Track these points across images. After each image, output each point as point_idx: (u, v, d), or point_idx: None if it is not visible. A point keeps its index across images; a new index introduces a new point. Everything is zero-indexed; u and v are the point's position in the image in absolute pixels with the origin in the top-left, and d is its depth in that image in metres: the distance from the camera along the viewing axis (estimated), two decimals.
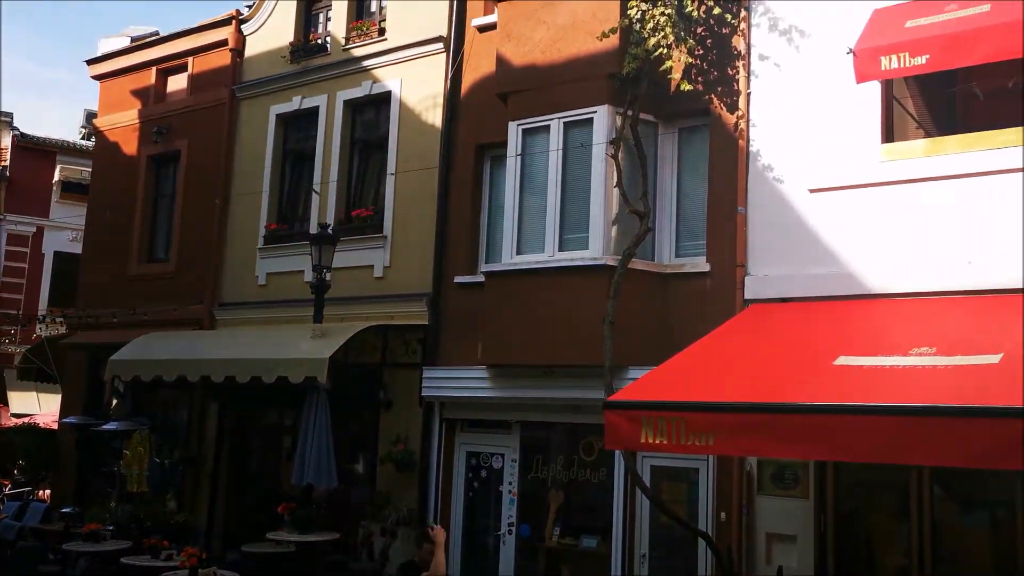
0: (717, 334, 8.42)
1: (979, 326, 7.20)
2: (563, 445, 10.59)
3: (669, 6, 9.33)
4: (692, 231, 10.06)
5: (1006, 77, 8.48)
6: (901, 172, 8.49)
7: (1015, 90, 8.38)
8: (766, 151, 9.35)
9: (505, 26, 10.80)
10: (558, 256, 10.02)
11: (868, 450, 5.96)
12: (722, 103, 9.69)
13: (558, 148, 10.15)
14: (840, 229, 8.76)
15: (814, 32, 9.22)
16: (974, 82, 8.77)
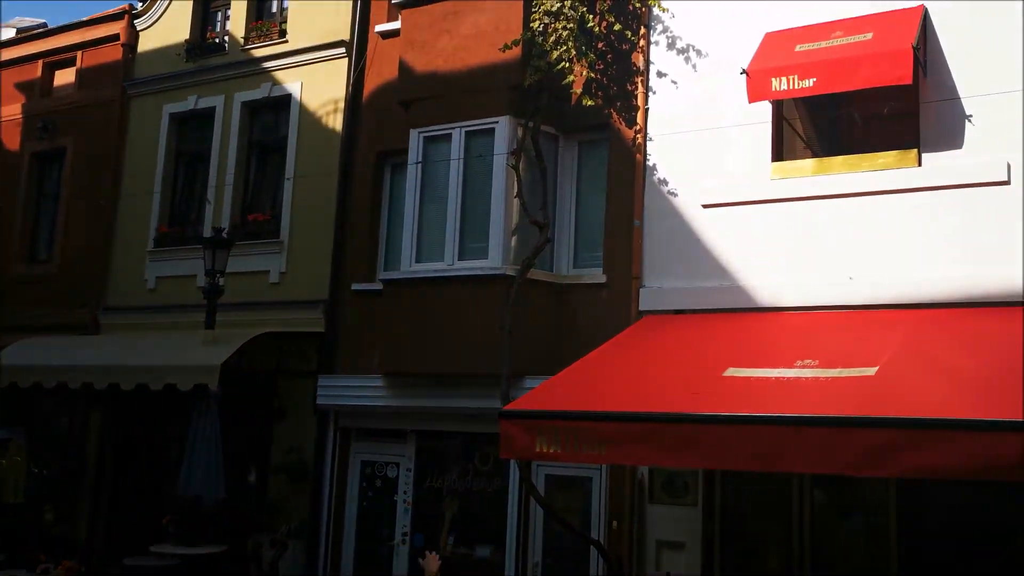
0: (612, 344, 8.55)
1: (858, 340, 7.50)
2: (459, 454, 10.56)
3: (571, 21, 9.46)
4: (590, 243, 10.19)
5: (887, 102, 8.90)
6: (790, 190, 8.80)
7: (897, 114, 8.80)
8: (662, 166, 9.56)
9: (408, 33, 10.76)
10: (458, 265, 10.01)
11: (752, 459, 6.14)
12: (621, 118, 9.87)
13: (459, 157, 10.16)
14: (732, 244, 9.02)
15: (710, 52, 9.49)
16: (855, 106, 9.17)
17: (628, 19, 9.89)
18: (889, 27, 8.27)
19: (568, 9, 9.49)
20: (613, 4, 9.85)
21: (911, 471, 5.57)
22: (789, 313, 8.53)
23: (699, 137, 9.37)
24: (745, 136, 9.12)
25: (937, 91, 8.25)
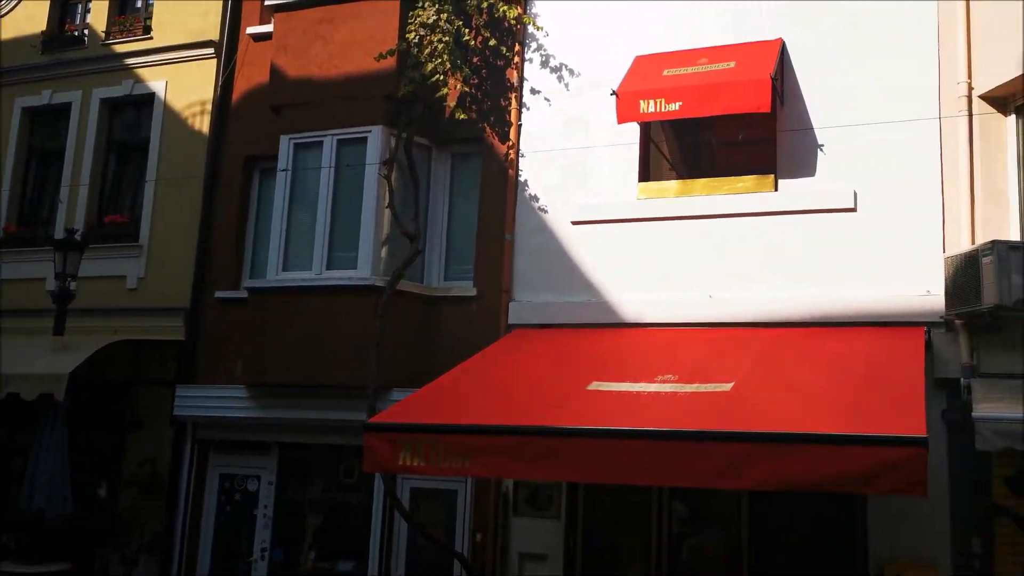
0: (479, 357, 8.57)
1: (716, 356, 7.77)
2: (323, 467, 10.36)
3: (447, 34, 9.48)
4: (461, 255, 10.20)
5: (747, 128, 9.28)
6: (655, 210, 9.06)
7: (756, 140, 9.18)
8: (534, 182, 9.68)
9: (281, 37, 10.54)
10: (326, 274, 9.84)
11: (613, 471, 6.25)
12: (494, 133, 9.95)
13: (331, 165, 10.00)
14: (599, 260, 9.21)
15: (582, 71, 9.68)
16: (718, 131, 9.53)
17: (503, 35, 9.99)
18: (750, 57, 8.65)
19: (444, 22, 9.51)
20: (489, 20, 9.92)
21: (763, 483, 5.79)
22: (652, 329, 8.77)
23: (570, 155, 9.54)
24: (614, 156, 9.34)
25: (793, 120, 8.67)
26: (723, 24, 9.12)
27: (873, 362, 7.14)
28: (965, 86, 8.03)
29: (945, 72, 8.17)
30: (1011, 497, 7.41)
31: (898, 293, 7.99)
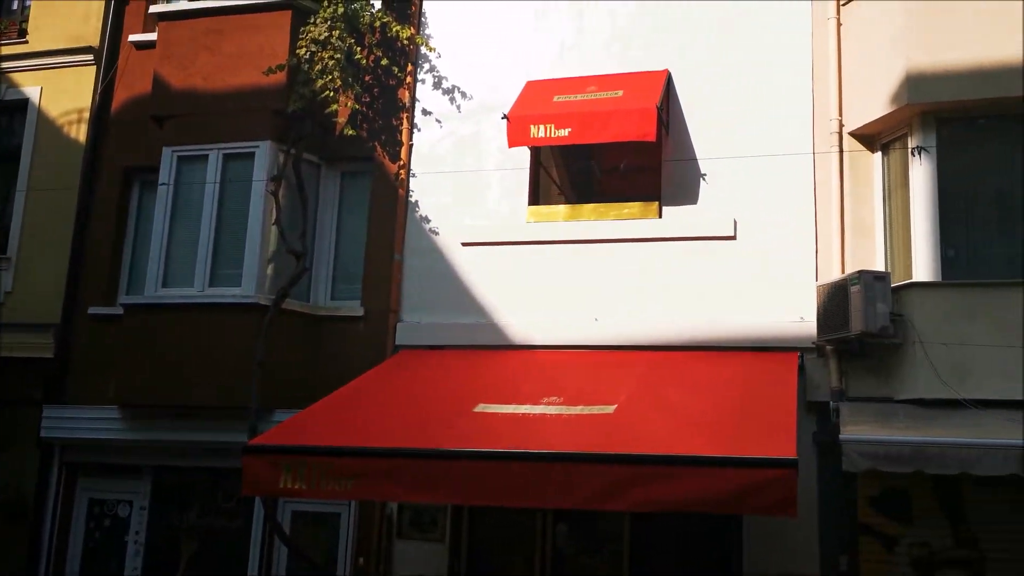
0: (366, 378, 8.48)
1: (600, 379, 7.90)
2: (201, 491, 10.00)
3: (338, 51, 9.40)
4: (349, 274, 10.07)
5: (635, 155, 9.51)
6: (544, 233, 9.17)
7: (642, 167, 9.41)
8: (424, 202, 9.67)
9: (166, 47, 10.24)
10: (208, 292, 9.56)
11: (498, 494, 6.26)
12: (385, 152, 9.89)
13: (215, 180, 9.75)
14: (488, 282, 9.24)
15: (474, 94, 9.75)
16: (607, 157, 9.72)
17: (396, 55, 9.97)
18: (638, 86, 8.88)
19: (336, 39, 9.42)
20: (382, 39, 9.89)
21: (641, 505, 5.91)
22: (539, 351, 8.85)
23: (461, 176, 9.57)
24: (504, 178, 9.43)
25: (677, 149, 8.94)
26: (612, 53, 9.34)
27: (749, 386, 7.39)
28: (836, 123, 8.44)
29: (819, 109, 8.57)
30: (875, 516, 7.76)
31: (774, 319, 8.30)
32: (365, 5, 9.74)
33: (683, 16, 9.18)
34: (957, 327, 7.48)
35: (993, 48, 7.72)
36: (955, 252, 7.89)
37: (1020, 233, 7.77)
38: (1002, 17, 7.76)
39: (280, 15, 9.86)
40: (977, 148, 8.04)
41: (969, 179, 8.00)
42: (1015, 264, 7.71)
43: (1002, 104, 7.78)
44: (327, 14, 9.55)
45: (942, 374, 7.41)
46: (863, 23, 8.46)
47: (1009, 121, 7.89)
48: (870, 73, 8.29)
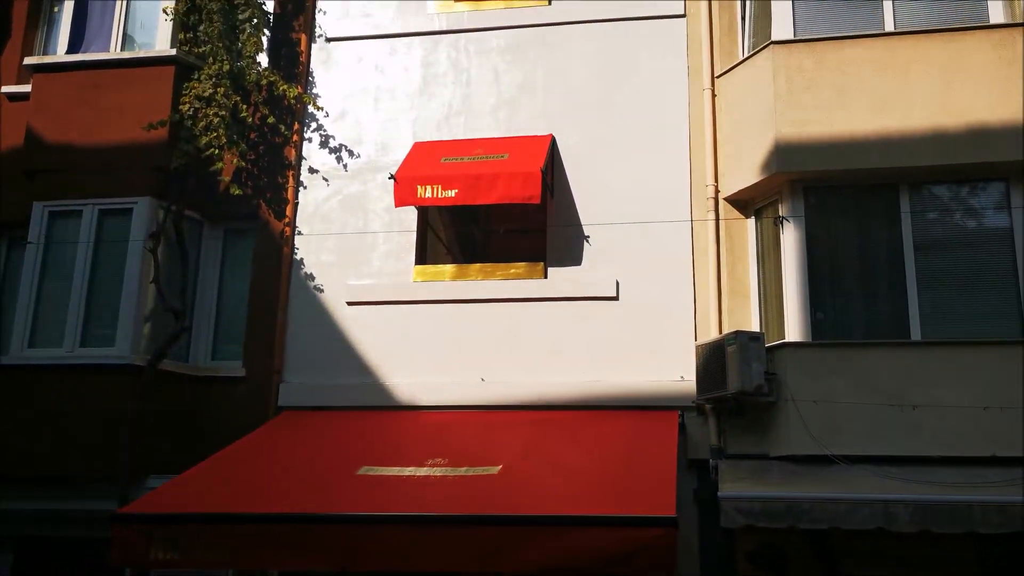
0: (246, 441, 8.25)
1: (486, 439, 7.91)
2: (67, 563, 9.45)
3: (223, 108, 9.31)
4: (231, 333, 9.81)
5: (521, 217, 9.69)
6: (431, 293, 9.18)
7: (528, 229, 9.58)
8: (309, 260, 9.57)
9: (40, 99, 9.91)
10: (79, 352, 9.16)
11: (380, 558, 6.16)
12: (270, 210, 9.78)
13: (89, 240, 9.40)
14: (374, 342, 9.17)
15: (362, 154, 9.77)
16: (494, 218, 9.87)
17: (283, 113, 9.92)
18: (523, 150, 9.07)
19: (221, 97, 9.34)
20: (269, 96, 9.84)
21: (523, 566, 5.89)
22: (425, 412, 8.80)
23: (347, 235, 9.52)
24: (391, 238, 9.43)
25: (561, 212, 9.14)
26: (498, 118, 9.54)
27: (631, 445, 7.52)
28: (712, 189, 8.81)
29: (696, 175, 8.93)
30: (754, 571, 7.94)
31: (655, 379, 8.49)
32: (252, 63, 9.69)
33: (566, 85, 9.46)
34: (826, 385, 7.81)
35: (852, 123, 8.24)
36: (824, 314, 8.27)
37: (883, 296, 8.22)
38: (860, 95, 8.30)
39: (163, 70, 9.70)
40: (842, 215, 8.50)
41: (836, 244, 8.44)
42: (879, 325, 8.14)
43: (862, 175, 8.27)
44: (212, 71, 9.46)
45: (813, 431, 7.70)
46: (736, 95, 8.90)
47: (869, 190, 8.39)
48: (743, 142, 8.70)
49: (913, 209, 8.25)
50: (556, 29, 9.64)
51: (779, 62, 8.52)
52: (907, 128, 8.13)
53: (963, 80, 8.13)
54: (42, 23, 10.96)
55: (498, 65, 9.68)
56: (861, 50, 8.42)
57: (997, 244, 8.18)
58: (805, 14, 8.87)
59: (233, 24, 9.71)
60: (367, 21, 10.10)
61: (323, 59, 10.12)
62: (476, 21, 9.83)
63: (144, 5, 10.30)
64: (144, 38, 10.19)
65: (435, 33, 9.90)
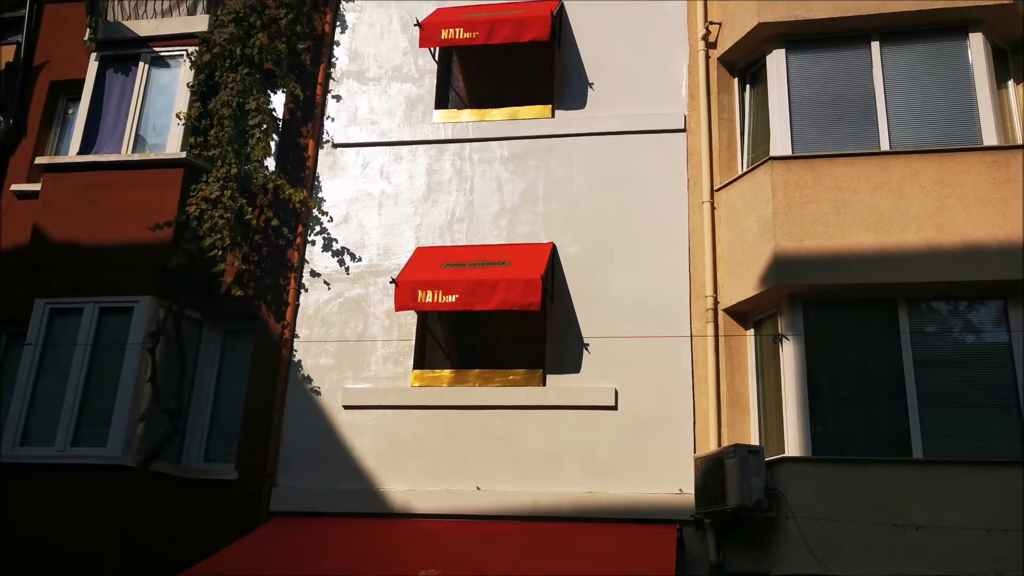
0: (235, 548, 8.08)
1: (480, 549, 7.74)
2: None
3: (229, 211, 9.44)
4: (226, 435, 9.72)
5: (520, 323, 9.69)
6: (428, 398, 9.12)
7: (527, 335, 9.57)
8: (307, 363, 9.54)
9: (49, 198, 10.05)
10: (70, 451, 9.04)
11: None
12: (270, 311, 9.80)
13: (89, 335, 9.39)
14: (369, 447, 9.06)
15: (364, 257, 9.84)
16: (493, 322, 9.89)
17: (287, 216, 10.05)
18: (525, 257, 9.14)
19: (227, 199, 9.48)
20: (274, 199, 9.98)
21: None
22: (420, 520, 8.62)
23: (346, 337, 9.52)
24: (390, 342, 9.41)
25: (561, 319, 9.15)
26: (500, 226, 9.64)
27: (628, 559, 7.35)
28: (712, 300, 8.84)
29: (695, 286, 8.98)
30: None
31: (653, 491, 8.35)
32: (259, 167, 9.87)
33: (568, 194, 9.61)
34: (827, 502, 7.68)
35: (850, 238, 8.33)
36: (824, 428, 8.20)
37: (884, 411, 8.16)
38: (857, 211, 8.42)
39: (172, 172, 9.87)
40: (842, 329, 8.51)
41: (836, 358, 8.42)
42: (880, 441, 8.06)
43: (860, 289, 8.32)
44: (220, 173, 9.63)
45: (815, 549, 7.54)
46: (735, 208, 9.03)
47: (868, 304, 8.42)
48: (742, 255, 8.78)
49: (912, 324, 8.26)
50: (559, 140, 9.84)
51: (778, 177, 8.66)
52: (904, 244, 8.22)
53: (957, 199, 8.26)
54: (56, 124, 11.25)
55: (501, 174, 9.85)
56: (857, 167, 8.58)
57: (997, 361, 8.17)
58: (802, 131, 9.08)
59: (243, 129, 9.93)
60: (374, 128, 10.33)
61: (329, 164, 10.31)
62: (481, 131, 10.05)
63: (158, 108, 10.53)
64: (155, 139, 10.39)
65: (440, 142, 10.11)
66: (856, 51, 9.24)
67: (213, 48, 10.18)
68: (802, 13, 9.21)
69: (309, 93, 10.52)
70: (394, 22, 10.79)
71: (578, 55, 10.14)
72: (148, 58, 10.60)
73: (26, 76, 11.31)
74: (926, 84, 9.00)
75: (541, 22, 9.51)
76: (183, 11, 10.69)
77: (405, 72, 10.53)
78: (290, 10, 10.50)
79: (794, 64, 9.33)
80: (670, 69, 9.84)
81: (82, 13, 10.83)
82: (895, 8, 9.00)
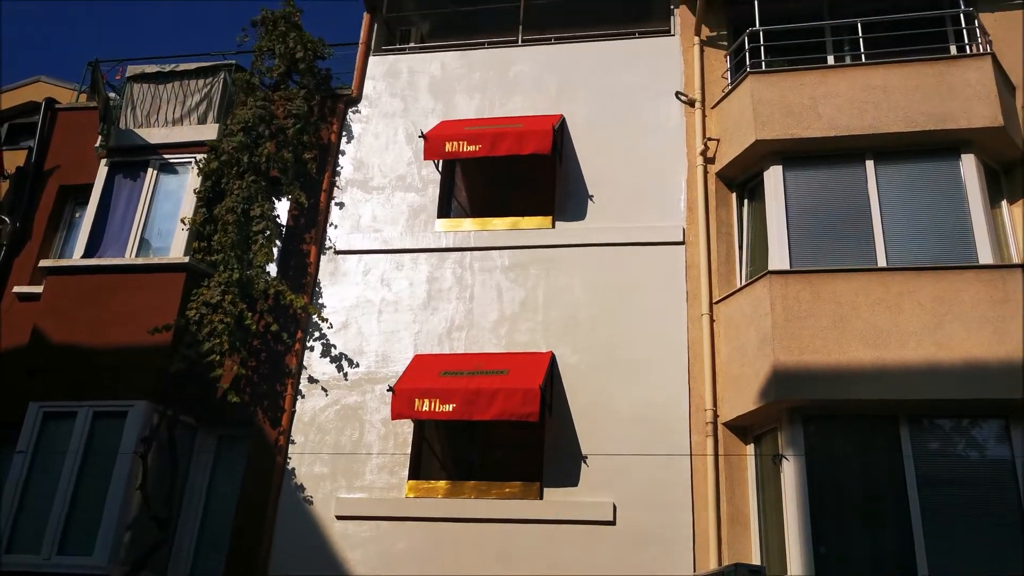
0: None
1: None
2: None
3: (229, 315, 9.46)
4: (215, 543, 9.49)
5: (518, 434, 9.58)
6: (423, 509, 8.95)
7: (524, 445, 9.45)
8: (301, 471, 9.40)
9: (51, 300, 10.10)
10: (56, 560, 8.84)
11: None
12: (266, 417, 9.71)
13: (81, 440, 9.28)
14: (362, 558, 8.85)
15: (362, 364, 9.81)
16: (490, 434, 9.77)
17: (287, 321, 10.06)
18: (524, 367, 9.10)
19: (228, 304, 9.51)
20: (274, 305, 10.01)
21: None
22: None
23: (341, 446, 9.41)
24: (386, 451, 9.29)
25: (559, 431, 9.04)
26: (499, 334, 9.65)
27: None
28: (711, 413, 8.77)
29: (695, 399, 8.91)
30: None
31: None
32: (261, 272, 9.94)
33: (568, 304, 9.63)
34: None
35: (849, 353, 8.31)
36: (827, 547, 8.01)
37: (888, 530, 7.99)
38: (856, 326, 8.42)
39: (174, 276, 9.95)
40: (843, 446, 8.40)
41: (837, 476, 8.27)
42: (884, 560, 7.86)
43: (861, 405, 8.25)
44: (222, 278, 9.69)
45: None
46: (734, 322, 9.05)
47: (869, 420, 8.34)
48: (741, 369, 8.75)
49: (914, 442, 8.16)
50: (559, 250, 9.94)
51: (776, 291, 8.71)
52: (903, 361, 8.19)
53: (955, 316, 8.28)
54: (62, 227, 11.40)
55: (501, 282, 9.90)
56: (855, 283, 8.62)
57: (1001, 479, 8.04)
58: (800, 245, 9.15)
59: (247, 235, 10.05)
60: (376, 236, 10.44)
61: (331, 270, 10.38)
62: (482, 240, 10.15)
63: (164, 213, 10.68)
64: (160, 243, 10.50)
65: (442, 250, 10.21)
66: (851, 169, 9.41)
67: (221, 156, 10.39)
68: (798, 131, 9.42)
69: (313, 200, 10.68)
70: (399, 133, 11.04)
71: (579, 167, 10.33)
72: (157, 164, 10.82)
73: (36, 180, 11.52)
74: (921, 202, 9.14)
75: (542, 136, 9.72)
76: (194, 120, 10.96)
77: (409, 182, 10.71)
78: (298, 120, 10.76)
79: (791, 180, 9.48)
80: (669, 183, 10.01)
81: (94, 120, 11.11)
82: (888, 129, 9.21)
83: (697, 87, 10.42)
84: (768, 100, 9.62)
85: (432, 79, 11.31)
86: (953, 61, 9.50)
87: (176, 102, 11.09)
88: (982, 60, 9.42)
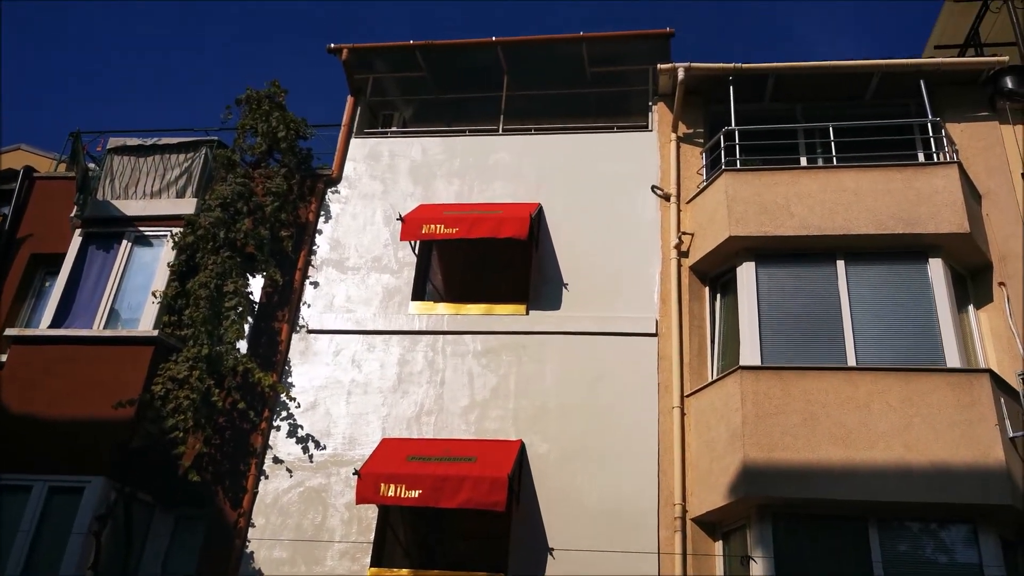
0: None
1: None
2: None
3: (196, 392, 9.32)
4: None
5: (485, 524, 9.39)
6: None
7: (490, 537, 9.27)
8: (260, 555, 9.14)
9: (14, 369, 9.91)
10: None
11: None
12: (227, 498, 9.48)
13: (35, 516, 8.99)
14: None
15: (329, 446, 9.66)
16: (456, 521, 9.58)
17: (255, 399, 9.92)
18: (492, 454, 8.99)
19: (195, 379, 9.38)
20: (243, 382, 9.88)
21: None
22: None
23: (303, 530, 9.19)
24: (349, 536, 9.09)
25: (527, 521, 8.89)
26: (469, 420, 9.56)
27: None
28: (680, 508, 8.67)
29: (664, 492, 8.82)
30: None
31: None
32: (231, 348, 9.83)
33: (538, 392, 9.59)
34: None
35: (819, 452, 8.28)
36: None
37: None
38: (825, 424, 8.41)
39: (141, 350, 9.81)
40: (812, 546, 8.29)
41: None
42: None
43: (830, 505, 8.19)
44: (191, 353, 9.58)
45: None
46: (705, 415, 9.03)
47: (838, 520, 8.26)
48: (711, 463, 8.70)
49: (883, 545, 8.08)
50: (532, 337, 9.93)
51: (747, 387, 8.72)
52: (872, 461, 8.17)
53: (923, 419, 8.30)
54: (31, 295, 11.27)
55: (473, 368, 9.85)
56: (825, 381, 8.65)
57: None
58: (772, 342, 9.21)
59: (218, 310, 9.97)
60: (349, 316, 10.40)
61: (301, 349, 10.29)
62: (455, 324, 10.14)
63: (136, 285, 10.60)
64: (130, 315, 10.39)
65: (414, 333, 10.17)
66: (823, 268, 9.55)
67: (198, 230, 10.37)
68: (771, 229, 9.58)
69: (288, 278, 10.66)
70: (377, 215, 11.11)
71: (554, 256, 10.41)
72: (132, 236, 10.78)
73: (8, 247, 11.42)
74: (890, 303, 9.26)
75: (520, 222, 9.81)
76: (172, 194, 10.98)
77: (384, 263, 10.73)
78: (276, 198, 10.81)
79: (763, 276, 9.60)
80: (643, 274, 10.10)
81: (72, 190, 11.09)
82: (859, 230, 9.39)
83: (673, 182, 10.60)
84: (742, 197, 9.80)
85: (413, 163, 11.45)
86: (921, 168, 9.76)
87: (156, 175, 11.12)
88: (949, 168, 9.68)
